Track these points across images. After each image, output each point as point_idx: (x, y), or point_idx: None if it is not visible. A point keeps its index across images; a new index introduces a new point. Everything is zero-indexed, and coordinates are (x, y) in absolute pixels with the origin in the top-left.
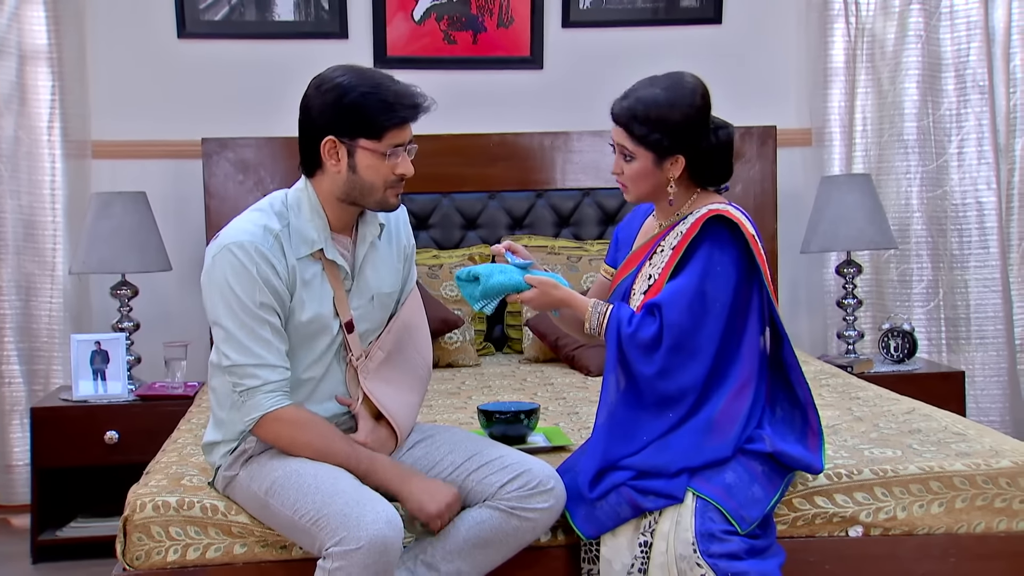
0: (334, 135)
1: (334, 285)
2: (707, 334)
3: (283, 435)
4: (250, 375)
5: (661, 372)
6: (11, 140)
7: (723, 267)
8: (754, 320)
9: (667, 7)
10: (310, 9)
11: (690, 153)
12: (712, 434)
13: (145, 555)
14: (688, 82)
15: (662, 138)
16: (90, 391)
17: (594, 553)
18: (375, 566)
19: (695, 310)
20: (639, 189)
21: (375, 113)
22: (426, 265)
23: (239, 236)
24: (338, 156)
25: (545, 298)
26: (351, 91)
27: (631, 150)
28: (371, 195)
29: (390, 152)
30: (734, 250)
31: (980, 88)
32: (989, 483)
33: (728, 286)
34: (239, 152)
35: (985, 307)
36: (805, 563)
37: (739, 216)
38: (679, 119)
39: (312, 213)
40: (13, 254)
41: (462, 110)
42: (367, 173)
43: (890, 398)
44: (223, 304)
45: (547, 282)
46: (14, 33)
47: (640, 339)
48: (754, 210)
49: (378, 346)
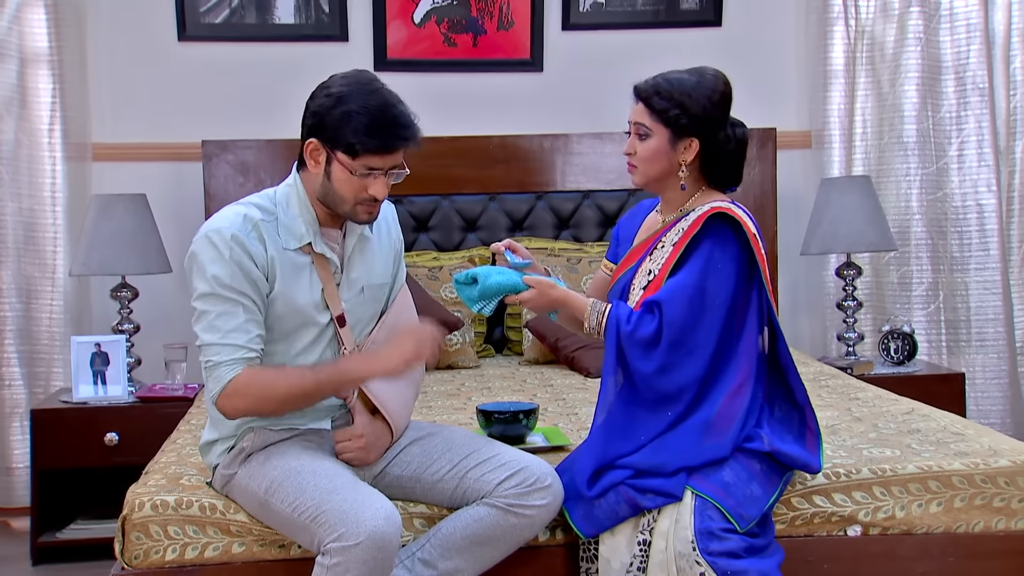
0: (318, 139)
1: (324, 278)
2: (706, 331)
3: (249, 404)
4: (215, 352)
5: (660, 369)
6: (12, 143)
7: (724, 264)
8: (753, 319)
9: (667, 9)
10: (310, 12)
11: (706, 139)
12: (710, 433)
13: (143, 554)
14: (712, 72)
15: (681, 115)
16: (90, 393)
17: (592, 552)
18: (373, 562)
19: (695, 307)
20: (649, 170)
21: (354, 134)
22: (426, 267)
23: (218, 223)
24: (317, 160)
25: (543, 299)
26: (342, 104)
27: (648, 126)
28: (341, 206)
29: (362, 173)
30: (735, 248)
31: (980, 90)
32: (988, 482)
33: (728, 284)
34: (239, 154)
35: (985, 309)
36: (803, 562)
37: (742, 215)
38: (701, 100)
39: (301, 208)
40: (14, 256)
41: (462, 112)
42: (339, 185)
43: (889, 399)
44: (198, 286)
45: (545, 283)
46: (15, 36)
47: (639, 337)
48: (754, 212)
49: (371, 341)
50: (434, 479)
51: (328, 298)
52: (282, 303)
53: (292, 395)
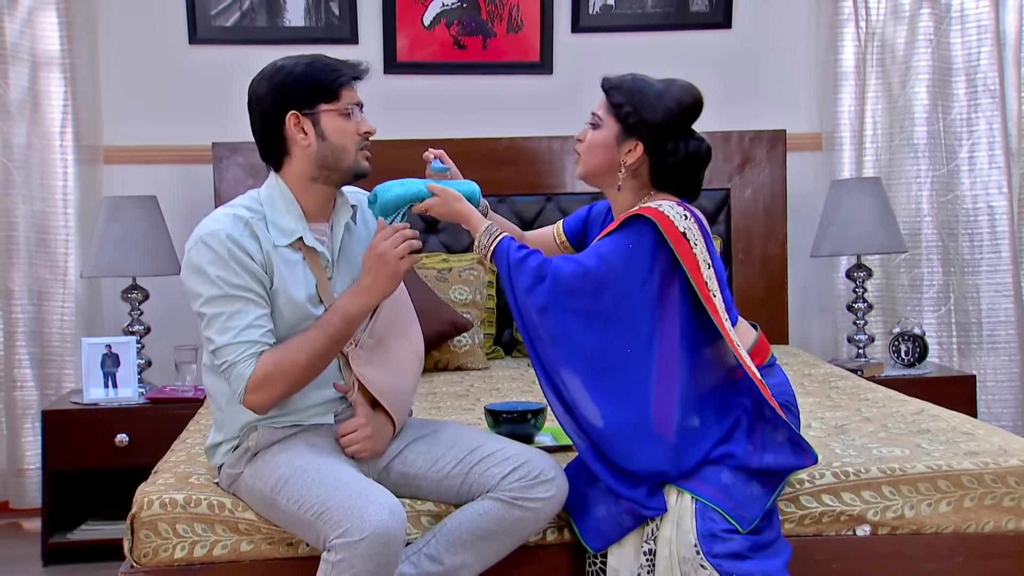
0: (295, 109)
1: (316, 272)
2: (601, 302)
3: (280, 389)
4: (230, 352)
5: (544, 308)
6: (24, 146)
7: (634, 252)
8: (671, 321)
9: (677, 12)
10: (320, 15)
11: (652, 147)
12: (649, 440)
13: (152, 552)
14: (683, 85)
15: (632, 113)
16: (101, 394)
17: (600, 565)
18: (378, 558)
19: (589, 275)
20: (590, 160)
21: (325, 76)
22: (435, 268)
23: (210, 226)
24: (304, 129)
25: (446, 208)
26: (296, 67)
27: (602, 117)
28: (344, 159)
29: (350, 111)
30: (650, 241)
31: (991, 92)
32: (998, 482)
33: (631, 273)
34: (249, 156)
35: (997, 312)
36: (812, 562)
37: (671, 215)
38: (658, 107)
39: (287, 205)
40: (26, 258)
41: (471, 114)
42: (336, 136)
43: (899, 399)
44: (203, 291)
45: (450, 192)
46: (27, 39)
47: (527, 266)
48: (764, 214)
49: (367, 334)
50: (440, 476)
51: (322, 292)
52: (282, 298)
53: (313, 360)
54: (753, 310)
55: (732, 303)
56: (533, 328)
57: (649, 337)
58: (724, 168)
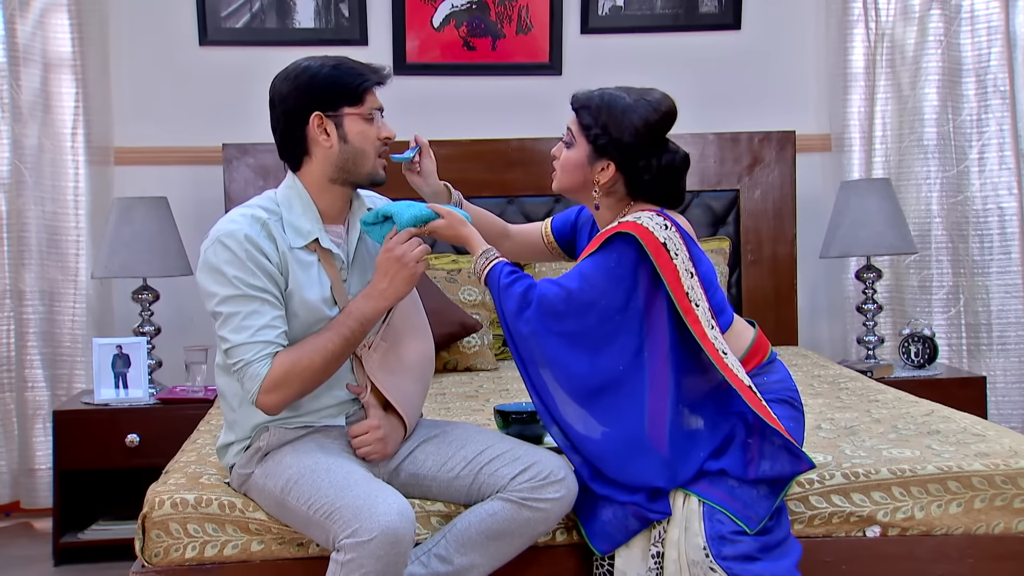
0: (319, 110)
1: (331, 274)
2: (587, 323)
3: (294, 390)
4: (245, 351)
5: (533, 334)
6: (35, 147)
7: (615, 271)
8: (659, 334)
9: (686, 13)
10: (330, 16)
11: (624, 166)
12: (644, 454)
13: (163, 552)
14: (655, 97)
15: (601, 135)
16: (112, 395)
17: (607, 568)
18: (387, 557)
19: (572, 297)
20: (565, 178)
21: (350, 80)
22: (444, 270)
23: (227, 227)
24: (327, 130)
25: (452, 231)
26: (321, 68)
27: (574, 135)
28: (364, 164)
29: (372, 115)
30: (632, 258)
31: (1001, 93)
32: (1008, 483)
33: (615, 291)
34: (259, 158)
35: (1007, 313)
36: (822, 563)
37: (651, 228)
38: (627, 127)
39: (304, 207)
40: (37, 259)
41: (481, 116)
42: (357, 140)
43: (909, 400)
44: (219, 291)
45: (456, 216)
46: (38, 41)
47: (513, 291)
48: (773, 215)
49: (381, 337)
50: (450, 476)
51: (336, 294)
52: (296, 300)
53: (328, 362)
54: (762, 311)
55: (726, 304)
56: (526, 352)
57: (639, 353)
58: (733, 169)
